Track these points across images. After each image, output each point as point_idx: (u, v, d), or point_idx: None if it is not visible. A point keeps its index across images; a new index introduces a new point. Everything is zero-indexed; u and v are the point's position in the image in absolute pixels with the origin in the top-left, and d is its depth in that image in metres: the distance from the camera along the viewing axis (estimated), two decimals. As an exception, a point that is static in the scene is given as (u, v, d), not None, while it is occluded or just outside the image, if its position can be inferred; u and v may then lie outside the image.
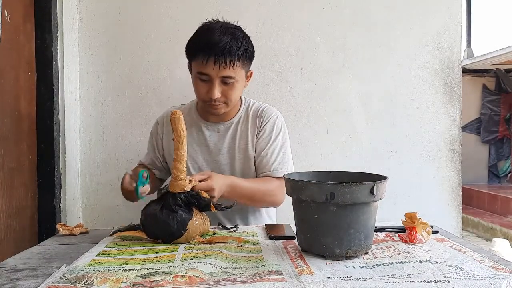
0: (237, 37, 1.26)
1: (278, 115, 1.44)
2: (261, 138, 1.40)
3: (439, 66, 1.91)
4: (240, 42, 1.26)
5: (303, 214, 0.95)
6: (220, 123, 1.41)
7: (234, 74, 1.26)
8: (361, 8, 1.89)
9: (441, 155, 1.92)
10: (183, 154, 1.08)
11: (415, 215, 1.05)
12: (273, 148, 1.38)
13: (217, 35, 1.23)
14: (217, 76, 1.25)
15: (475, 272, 0.81)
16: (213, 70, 1.24)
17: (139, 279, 0.79)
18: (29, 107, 1.58)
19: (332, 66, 1.89)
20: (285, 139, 1.43)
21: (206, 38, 1.24)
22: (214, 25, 1.27)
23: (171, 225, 1.05)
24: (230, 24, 1.30)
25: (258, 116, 1.42)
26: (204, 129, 1.42)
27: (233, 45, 1.23)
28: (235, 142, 1.41)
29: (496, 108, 7.13)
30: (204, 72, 1.25)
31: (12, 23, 1.44)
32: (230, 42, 1.23)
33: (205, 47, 1.23)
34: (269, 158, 1.37)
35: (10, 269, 0.89)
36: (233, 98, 1.32)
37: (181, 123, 1.08)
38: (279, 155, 1.38)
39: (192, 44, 1.29)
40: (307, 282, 0.76)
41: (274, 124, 1.41)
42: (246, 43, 1.29)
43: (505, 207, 5.58)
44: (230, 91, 1.29)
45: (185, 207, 1.09)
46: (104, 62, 1.83)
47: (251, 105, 1.45)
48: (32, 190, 1.60)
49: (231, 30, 1.26)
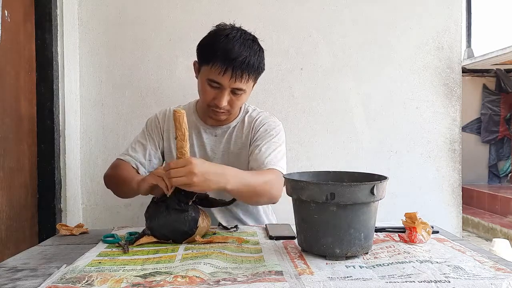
0: (255, 51, 1.26)
1: (275, 121, 1.42)
2: (255, 139, 1.36)
3: (439, 66, 1.91)
4: (257, 57, 1.26)
5: (303, 214, 0.95)
6: (218, 127, 1.41)
7: (245, 87, 1.27)
8: (361, 8, 1.89)
9: (441, 155, 1.92)
10: (187, 152, 1.09)
11: (415, 215, 1.05)
12: (267, 146, 1.33)
13: (237, 47, 1.21)
14: (229, 87, 1.25)
15: (475, 272, 0.81)
16: (227, 82, 1.23)
17: (139, 279, 0.79)
18: (29, 107, 1.58)
19: (332, 66, 1.89)
20: (282, 142, 1.38)
21: (225, 48, 1.22)
22: (234, 34, 1.24)
23: (182, 225, 1.05)
24: (248, 35, 1.28)
25: (254, 122, 1.40)
26: (202, 131, 1.41)
27: (251, 60, 1.23)
28: (230, 146, 1.40)
29: (496, 108, 7.13)
30: (217, 81, 1.24)
31: (12, 23, 1.44)
32: (249, 56, 1.23)
33: (223, 58, 1.21)
34: (263, 153, 1.31)
35: (10, 269, 0.89)
36: (237, 107, 1.33)
37: (185, 121, 1.08)
38: (274, 152, 1.32)
39: (208, 50, 1.26)
40: (307, 282, 0.76)
41: (271, 127, 1.38)
42: (261, 57, 1.29)
43: (505, 207, 5.58)
44: (236, 101, 1.29)
45: (191, 205, 1.08)
46: (104, 62, 1.83)
47: (250, 112, 1.44)
48: (32, 190, 1.60)
49: (249, 42, 1.25)
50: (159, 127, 1.44)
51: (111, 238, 1.10)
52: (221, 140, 1.41)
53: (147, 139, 1.43)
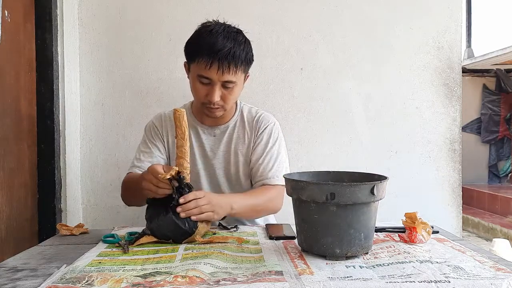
0: (239, 42, 1.26)
1: (275, 122, 1.45)
2: (258, 145, 1.40)
3: (439, 66, 1.91)
4: (242, 47, 1.26)
5: (303, 214, 0.95)
6: (216, 127, 1.42)
7: (235, 79, 1.27)
8: (361, 8, 1.89)
9: (441, 155, 1.92)
10: (187, 151, 1.09)
11: (415, 215, 1.05)
12: (269, 157, 1.38)
13: (220, 40, 1.23)
14: (219, 80, 1.25)
15: (475, 272, 0.81)
16: (215, 75, 1.24)
17: (139, 279, 0.79)
18: (29, 107, 1.58)
19: (332, 66, 1.89)
20: (281, 146, 1.43)
21: (209, 42, 1.23)
22: (217, 28, 1.26)
23: (183, 226, 1.06)
24: (232, 28, 1.30)
25: (255, 123, 1.42)
26: (201, 132, 1.42)
27: (236, 51, 1.24)
28: (231, 146, 1.41)
29: (496, 108, 7.12)
30: (205, 76, 1.25)
31: (12, 23, 1.44)
32: (234, 47, 1.23)
33: (208, 51, 1.22)
34: (266, 166, 1.37)
35: (10, 269, 0.89)
36: (231, 101, 1.33)
37: (185, 120, 1.09)
38: (276, 163, 1.38)
39: (193, 46, 1.29)
40: (307, 282, 0.76)
41: (271, 132, 1.41)
42: (247, 48, 1.29)
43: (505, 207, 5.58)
44: (229, 95, 1.30)
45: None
46: (104, 62, 1.83)
47: (246, 110, 1.45)
48: (32, 190, 1.60)
49: (233, 34, 1.26)
50: (158, 133, 1.45)
51: (111, 238, 1.11)
52: (221, 140, 1.41)
53: (151, 147, 1.43)
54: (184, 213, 1.06)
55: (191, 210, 1.08)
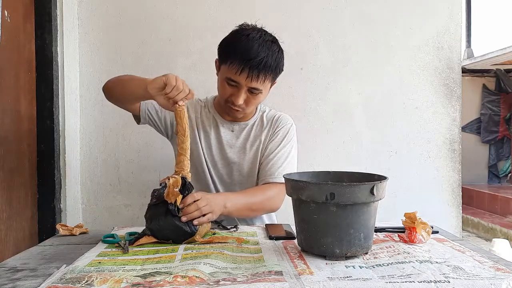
0: (273, 51, 1.27)
1: (292, 124, 1.47)
2: (272, 141, 1.42)
3: (439, 66, 1.91)
4: (275, 58, 1.27)
5: (303, 214, 0.95)
6: (235, 123, 1.44)
7: (262, 87, 1.29)
8: (361, 8, 1.89)
9: (441, 155, 1.92)
10: (188, 147, 1.09)
11: (415, 215, 1.05)
12: (280, 155, 1.40)
13: (255, 47, 1.23)
14: (246, 86, 1.27)
15: (475, 272, 0.81)
16: (244, 80, 1.26)
17: (139, 279, 0.79)
18: (29, 107, 1.58)
19: (332, 66, 1.89)
20: (294, 148, 1.44)
21: (244, 48, 1.24)
22: (254, 34, 1.26)
23: (182, 225, 1.06)
24: (268, 36, 1.30)
25: (274, 122, 1.44)
26: (220, 125, 1.44)
27: (268, 61, 1.25)
28: (247, 142, 1.43)
29: (496, 108, 7.12)
30: (234, 80, 1.27)
31: (12, 23, 1.44)
32: (267, 57, 1.24)
33: (241, 57, 1.23)
34: (274, 163, 1.38)
35: (10, 269, 0.89)
36: (253, 106, 1.36)
37: (186, 117, 1.08)
38: (285, 163, 1.39)
39: (227, 48, 1.29)
40: (307, 282, 0.76)
41: (287, 132, 1.43)
42: (279, 58, 1.30)
43: (505, 207, 5.58)
44: (253, 100, 1.32)
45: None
46: (104, 62, 1.83)
47: (267, 112, 1.48)
48: (32, 190, 1.60)
49: (268, 43, 1.27)
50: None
51: (111, 238, 1.10)
52: (239, 136, 1.43)
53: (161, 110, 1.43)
54: (185, 217, 1.07)
55: (192, 213, 1.08)
